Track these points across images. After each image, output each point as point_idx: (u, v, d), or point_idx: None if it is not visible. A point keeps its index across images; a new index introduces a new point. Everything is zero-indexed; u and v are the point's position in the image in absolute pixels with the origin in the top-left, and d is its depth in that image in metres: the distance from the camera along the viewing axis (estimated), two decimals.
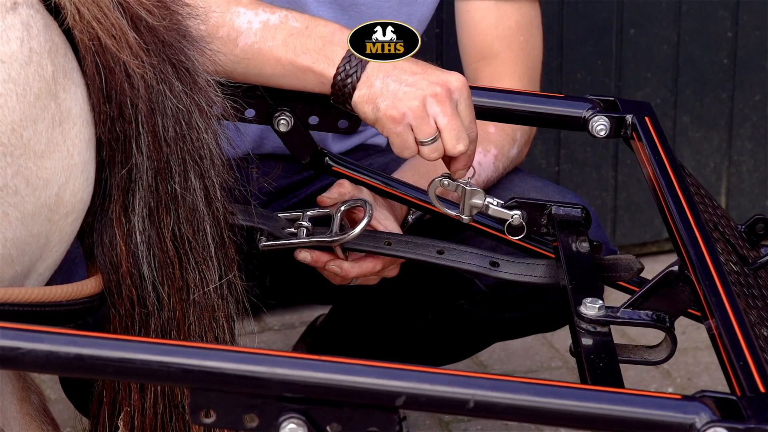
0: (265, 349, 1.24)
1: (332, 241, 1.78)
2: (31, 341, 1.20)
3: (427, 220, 1.92)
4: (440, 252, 1.80)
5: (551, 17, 2.82)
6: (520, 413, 1.23)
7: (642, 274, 1.82)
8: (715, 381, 2.65)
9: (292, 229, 1.79)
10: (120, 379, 1.46)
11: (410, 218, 1.93)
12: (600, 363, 1.43)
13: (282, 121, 1.79)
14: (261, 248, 1.76)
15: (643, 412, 1.21)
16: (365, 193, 1.85)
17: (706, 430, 1.19)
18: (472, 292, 1.97)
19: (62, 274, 1.53)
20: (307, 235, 1.78)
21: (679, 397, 1.22)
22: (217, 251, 1.54)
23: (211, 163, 1.53)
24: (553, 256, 1.76)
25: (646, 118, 1.73)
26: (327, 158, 1.84)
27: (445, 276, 1.95)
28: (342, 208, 1.80)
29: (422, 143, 1.67)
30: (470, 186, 1.74)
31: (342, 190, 1.83)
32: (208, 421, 1.24)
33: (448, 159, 1.71)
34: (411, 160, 1.88)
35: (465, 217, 1.75)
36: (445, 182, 1.75)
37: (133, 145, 1.47)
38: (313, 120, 1.81)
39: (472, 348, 2.22)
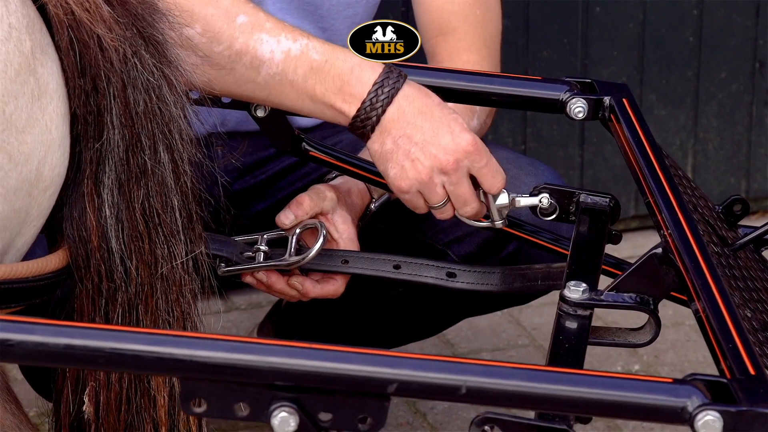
0: (256, 338, 1.24)
1: (288, 264, 1.81)
2: (20, 333, 1.19)
3: (395, 203, 1.92)
4: (397, 266, 1.84)
5: None
6: (512, 399, 1.22)
7: (610, 252, 1.83)
8: (681, 358, 2.67)
9: (250, 253, 1.82)
10: (112, 370, 1.45)
11: (373, 206, 1.94)
12: (566, 344, 1.43)
13: (259, 107, 1.79)
14: (221, 274, 1.79)
15: (636, 396, 1.21)
16: (328, 199, 1.87)
17: (698, 413, 1.19)
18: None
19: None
20: (265, 258, 1.81)
21: (670, 380, 1.22)
22: (184, 226, 1.54)
23: (179, 136, 1.53)
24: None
25: (624, 100, 1.73)
26: (304, 143, 1.85)
27: (416, 248, 1.96)
28: (297, 231, 1.83)
29: (432, 207, 1.74)
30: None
31: (299, 212, 1.85)
32: (199, 410, 1.23)
33: None
34: None
35: (498, 223, 1.78)
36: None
37: (106, 119, 1.47)
38: None
39: (441, 324, 2.22)
